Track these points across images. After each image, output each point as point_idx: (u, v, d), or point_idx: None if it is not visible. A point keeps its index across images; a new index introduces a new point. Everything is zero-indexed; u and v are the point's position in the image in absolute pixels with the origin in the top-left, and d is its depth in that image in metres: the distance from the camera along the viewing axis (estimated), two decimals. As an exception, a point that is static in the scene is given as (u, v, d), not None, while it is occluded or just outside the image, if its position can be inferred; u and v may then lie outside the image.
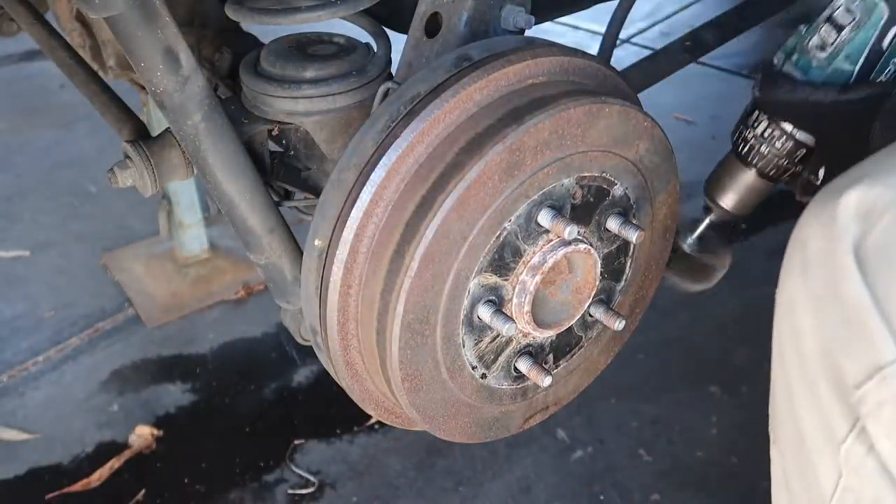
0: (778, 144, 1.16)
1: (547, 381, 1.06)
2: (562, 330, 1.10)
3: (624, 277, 1.16)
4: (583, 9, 1.65)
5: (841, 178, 0.82)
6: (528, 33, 1.14)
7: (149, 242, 2.71)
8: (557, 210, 1.00)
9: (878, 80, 1.07)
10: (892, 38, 1.06)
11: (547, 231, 1.00)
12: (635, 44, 4.00)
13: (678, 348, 2.29)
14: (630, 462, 2.00)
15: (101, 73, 1.49)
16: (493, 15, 1.09)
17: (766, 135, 1.16)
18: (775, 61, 1.14)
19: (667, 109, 3.26)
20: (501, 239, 0.98)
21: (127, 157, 1.17)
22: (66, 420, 2.10)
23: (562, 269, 1.09)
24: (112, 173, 1.17)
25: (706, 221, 1.31)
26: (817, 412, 0.81)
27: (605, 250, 1.10)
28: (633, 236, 1.06)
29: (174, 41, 0.98)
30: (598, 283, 1.09)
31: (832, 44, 1.08)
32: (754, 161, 1.20)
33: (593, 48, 1.41)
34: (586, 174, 1.02)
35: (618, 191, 1.07)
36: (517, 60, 1.00)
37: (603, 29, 1.46)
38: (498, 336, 1.04)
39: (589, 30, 4.05)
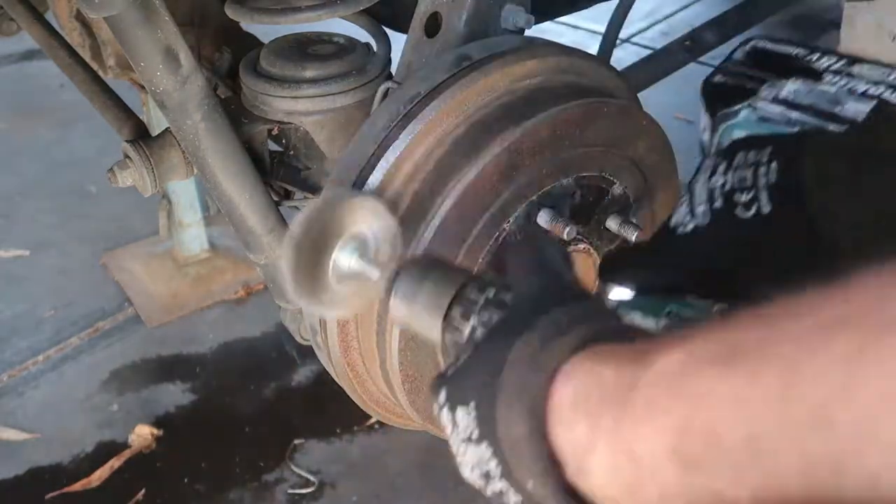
0: None
1: (547, 380, 1.06)
2: (561, 330, 1.09)
3: (623, 277, 1.15)
4: (582, 8, 1.65)
5: None
6: (527, 33, 1.14)
7: (149, 242, 2.70)
8: (556, 210, 0.99)
9: None
10: None
11: (546, 231, 1.00)
12: (635, 44, 3.98)
13: (678, 348, 2.29)
14: (630, 462, 1.99)
15: (101, 73, 1.49)
16: (493, 14, 1.08)
17: None
18: None
19: (667, 109, 3.25)
20: (500, 240, 0.98)
21: (127, 156, 1.17)
22: (66, 420, 2.10)
23: (561, 268, 1.09)
24: (112, 173, 1.17)
25: None
26: None
27: (605, 249, 1.10)
28: (632, 235, 1.06)
29: (174, 41, 0.98)
30: (598, 282, 1.09)
31: None
32: None
33: (593, 48, 1.41)
34: (585, 174, 1.02)
35: (617, 190, 1.07)
36: (516, 60, 1.00)
37: (603, 29, 1.46)
38: (497, 336, 1.04)
39: (589, 30, 4.05)
